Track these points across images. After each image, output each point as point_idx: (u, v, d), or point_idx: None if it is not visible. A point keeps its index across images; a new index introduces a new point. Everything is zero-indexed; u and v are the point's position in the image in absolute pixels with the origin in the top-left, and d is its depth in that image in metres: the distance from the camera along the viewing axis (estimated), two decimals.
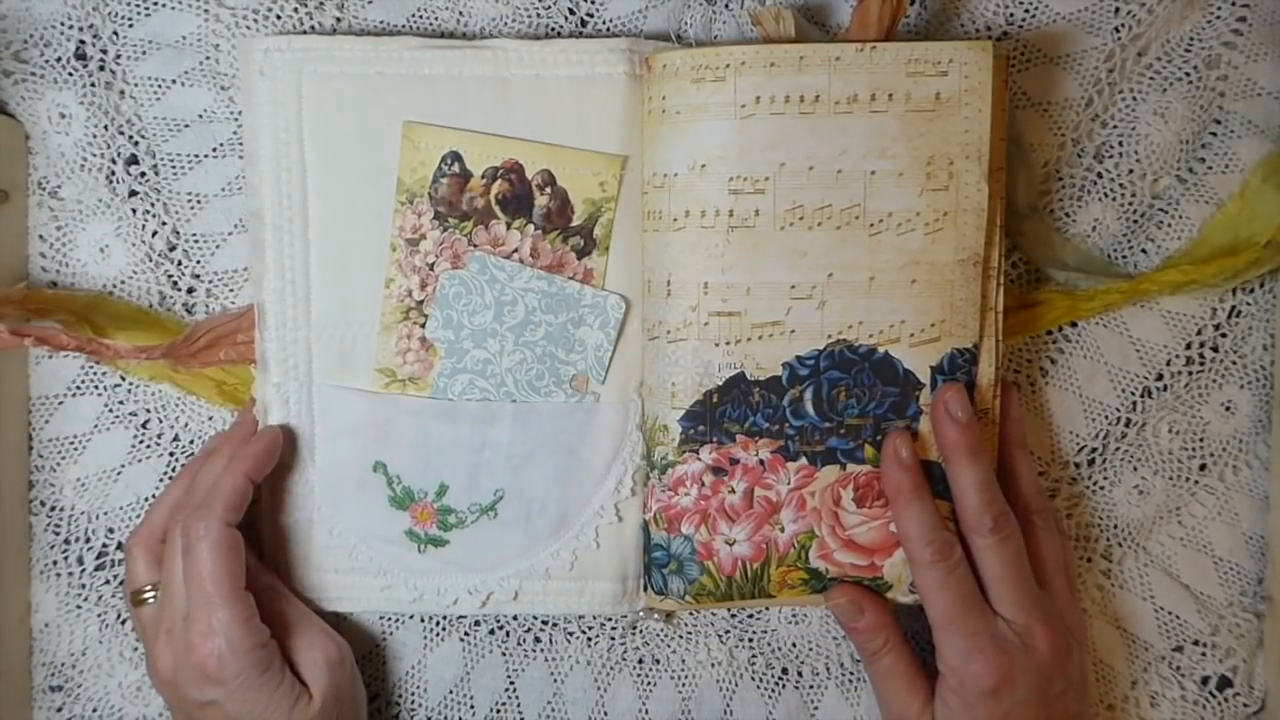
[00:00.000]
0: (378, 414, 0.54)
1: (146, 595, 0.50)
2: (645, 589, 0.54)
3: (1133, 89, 0.55)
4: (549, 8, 0.55)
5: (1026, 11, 0.55)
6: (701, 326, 0.50)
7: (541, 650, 0.57)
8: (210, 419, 0.56)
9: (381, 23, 0.55)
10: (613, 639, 0.57)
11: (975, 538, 0.49)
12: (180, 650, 0.48)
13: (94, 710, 0.57)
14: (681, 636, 0.57)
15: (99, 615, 0.57)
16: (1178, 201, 0.56)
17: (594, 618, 0.57)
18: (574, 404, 0.54)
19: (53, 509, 0.56)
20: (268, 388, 0.53)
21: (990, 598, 0.48)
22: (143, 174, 0.55)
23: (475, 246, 0.53)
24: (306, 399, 0.54)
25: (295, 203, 0.53)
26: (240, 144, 0.55)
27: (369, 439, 0.54)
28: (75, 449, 0.56)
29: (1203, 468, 0.57)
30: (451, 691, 0.57)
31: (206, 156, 0.55)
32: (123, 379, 0.56)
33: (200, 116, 0.55)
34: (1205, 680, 0.57)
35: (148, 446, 0.56)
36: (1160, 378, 0.56)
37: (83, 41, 0.55)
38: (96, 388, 0.56)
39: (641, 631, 0.57)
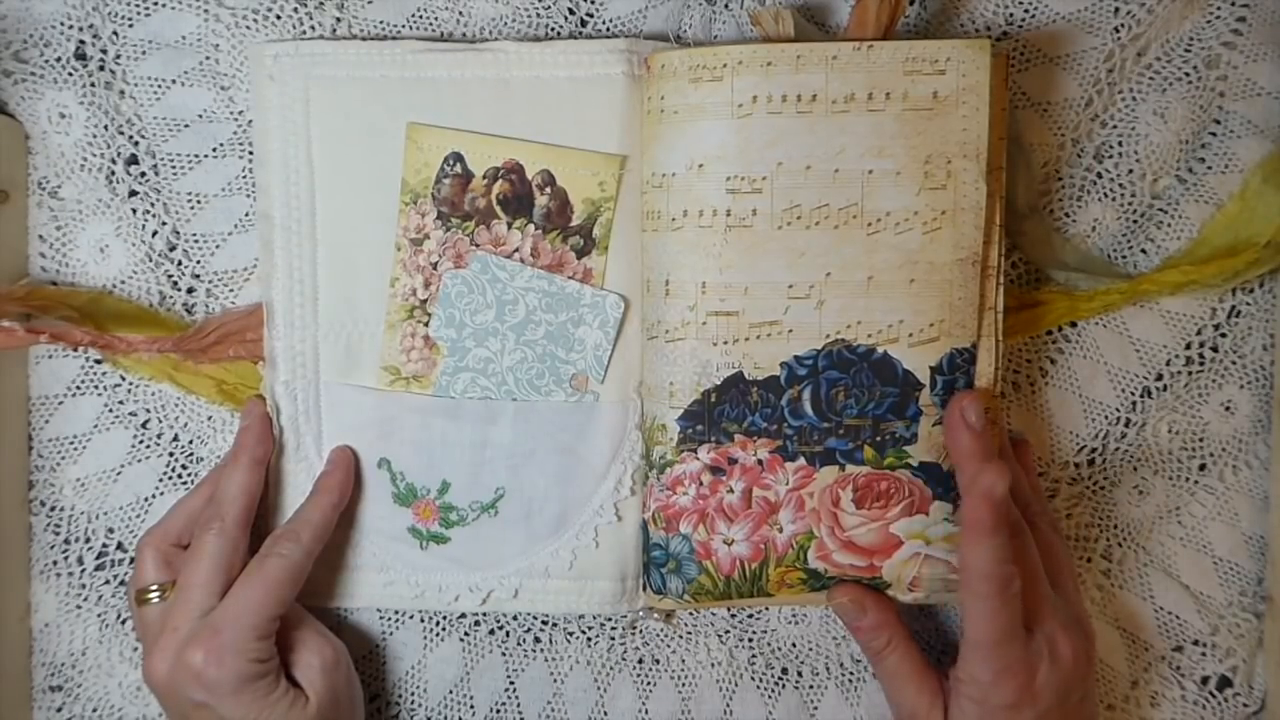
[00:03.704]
0: (382, 411, 0.54)
1: (151, 595, 0.50)
2: (644, 588, 0.54)
3: (1132, 89, 0.55)
4: (548, 8, 0.55)
5: (1026, 11, 0.55)
6: (700, 326, 0.50)
7: (541, 650, 0.57)
8: (210, 419, 0.56)
9: (381, 23, 0.55)
10: (612, 639, 0.57)
11: None
12: (179, 650, 0.48)
13: (94, 710, 0.57)
14: (681, 636, 0.57)
15: (99, 615, 0.57)
16: (1177, 202, 0.56)
17: (594, 617, 0.57)
18: (574, 403, 0.54)
19: (53, 509, 0.56)
20: (277, 385, 0.54)
21: None
22: (143, 174, 0.56)
23: (477, 246, 0.53)
24: (314, 396, 0.54)
25: (303, 203, 0.53)
26: (240, 144, 0.55)
27: (374, 436, 0.54)
28: (75, 449, 0.56)
29: (1202, 468, 0.57)
30: (451, 691, 0.57)
31: (206, 156, 0.56)
32: (122, 379, 0.56)
33: (200, 116, 0.55)
34: (1205, 680, 0.57)
35: (147, 446, 0.56)
36: (1160, 378, 0.56)
37: (83, 41, 0.55)
38: (96, 388, 0.56)
39: (641, 631, 0.57)
